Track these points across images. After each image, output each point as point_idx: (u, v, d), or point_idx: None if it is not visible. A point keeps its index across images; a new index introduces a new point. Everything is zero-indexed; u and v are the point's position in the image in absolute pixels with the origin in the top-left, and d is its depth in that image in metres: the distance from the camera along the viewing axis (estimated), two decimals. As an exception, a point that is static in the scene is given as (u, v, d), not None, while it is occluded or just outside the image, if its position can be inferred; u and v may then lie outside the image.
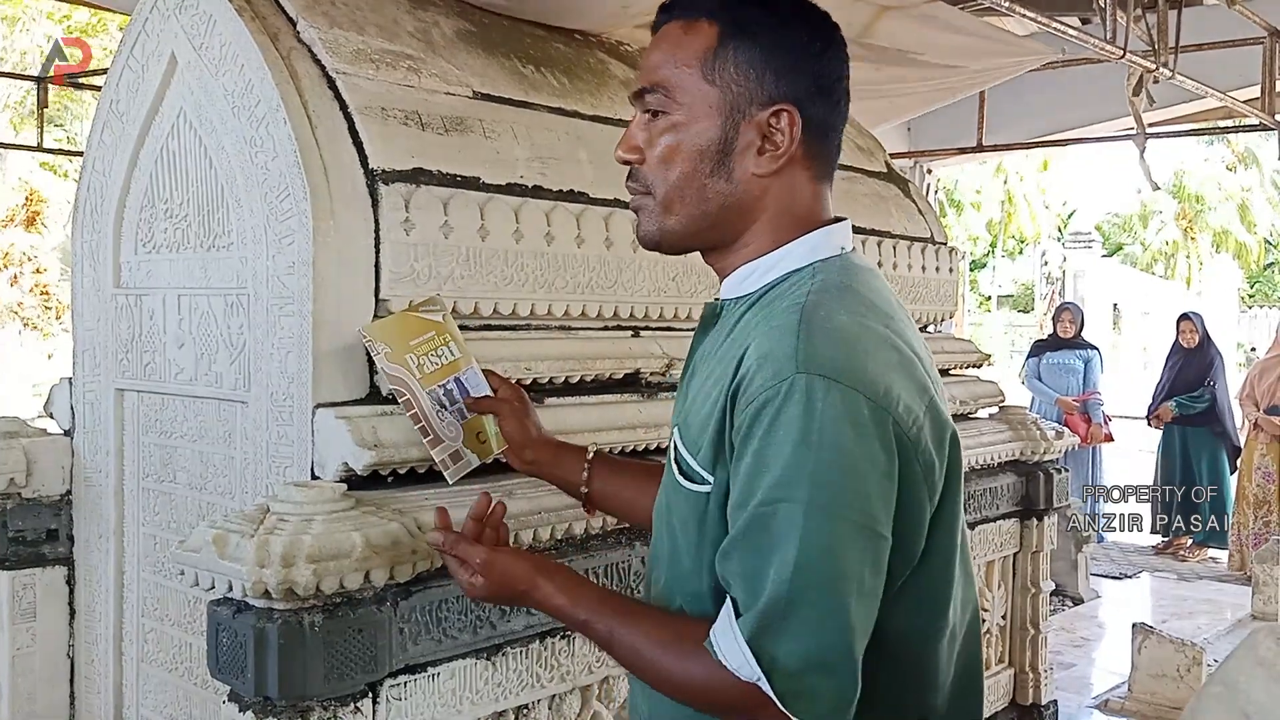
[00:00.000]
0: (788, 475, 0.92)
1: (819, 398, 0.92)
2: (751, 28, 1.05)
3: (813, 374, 0.93)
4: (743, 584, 0.95)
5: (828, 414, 0.92)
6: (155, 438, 1.97)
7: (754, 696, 0.94)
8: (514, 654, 1.76)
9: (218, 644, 1.47)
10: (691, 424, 1.06)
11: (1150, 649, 3.99)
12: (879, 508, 0.94)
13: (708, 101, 1.05)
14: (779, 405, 0.93)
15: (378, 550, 1.46)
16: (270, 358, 1.70)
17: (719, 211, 1.07)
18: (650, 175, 1.09)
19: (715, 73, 1.05)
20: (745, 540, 0.95)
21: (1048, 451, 3.02)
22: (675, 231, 1.10)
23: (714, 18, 1.06)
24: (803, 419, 0.92)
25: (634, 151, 1.10)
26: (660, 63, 1.07)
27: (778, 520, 0.92)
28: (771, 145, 1.05)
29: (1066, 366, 6.57)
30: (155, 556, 1.98)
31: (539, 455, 1.50)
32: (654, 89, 1.07)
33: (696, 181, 1.06)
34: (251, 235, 1.73)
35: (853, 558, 0.92)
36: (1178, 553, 6.77)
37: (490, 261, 1.87)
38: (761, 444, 0.94)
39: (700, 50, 1.05)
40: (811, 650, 0.92)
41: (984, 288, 28.26)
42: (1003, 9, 2.33)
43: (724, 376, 1.01)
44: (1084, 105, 5.47)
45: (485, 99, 2.03)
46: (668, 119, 1.07)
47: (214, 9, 1.79)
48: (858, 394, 0.93)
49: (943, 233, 3.14)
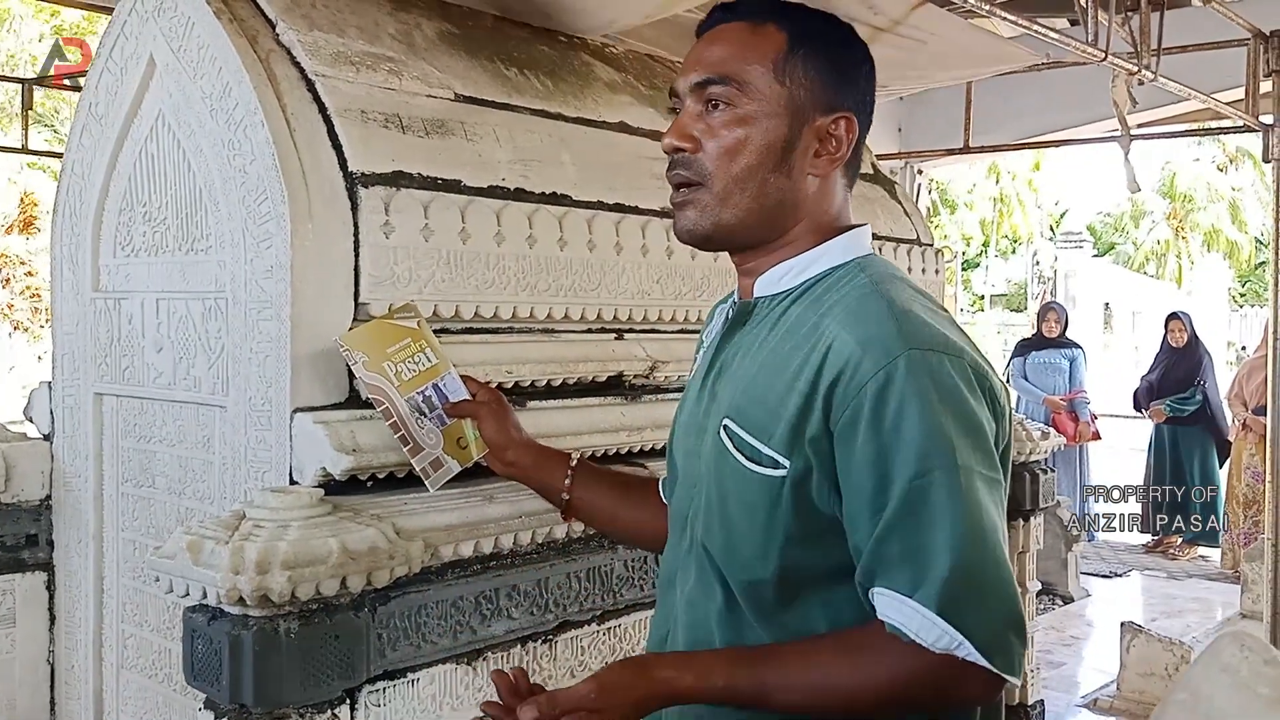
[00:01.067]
0: (928, 446, 0.97)
1: (934, 369, 0.99)
2: (818, 39, 1.11)
3: (921, 349, 0.99)
4: (910, 562, 0.97)
5: (945, 383, 0.99)
6: (134, 442, 1.96)
7: (953, 665, 0.96)
8: (495, 658, 1.75)
9: (193, 651, 1.46)
10: (752, 412, 1.07)
11: (1139, 648, 4.00)
12: (998, 464, 1.02)
13: (779, 100, 1.10)
14: (902, 380, 0.98)
15: (354, 556, 1.45)
16: (248, 362, 1.69)
17: (775, 207, 1.12)
18: (709, 165, 1.11)
19: (785, 74, 1.10)
20: (903, 519, 0.97)
21: (1034, 452, 3.03)
22: (728, 225, 1.12)
23: (781, 24, 1.11)
24: (927, 391, 0.98)
25: (688, 140, 1.12)
26: (727, 57, 1.11)
27: (934, 492, 0.96)
28: (828, 150, 1.12)
29: (1052, 365, 6.59)
30: (134, 562, 1.97)
31: (520, 458, 1.50)
32: (722, 80, 1.10)
33: (759, 175, 1.10)
34: (230, 239, 1.72)
35: (995, 511, 0.99)
36: (1168, 551, 6.80)
37: (472, 264, 1.86)
38: (893, 422, 0.98)
39: (772, 51, 1.10)
40: (1002, 608, 0.96)
41: (977, 287, 28.31)
42: (983, 11, 2.33)
43: (801, 366, 1.04)
44: (1071, 107, 5.48)
45: (467, 101, 2.02)
46: (734, 111, 1.10)
47: (192, 12, 1.78)
48: (961, 361, 1.01)
49: (929, 234, 3.14)
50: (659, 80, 2.58)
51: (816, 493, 1.03)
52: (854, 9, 2.48)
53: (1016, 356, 6.83)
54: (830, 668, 1.01)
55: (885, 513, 0.97)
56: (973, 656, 0.94)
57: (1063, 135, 5.52)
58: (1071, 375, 6.60)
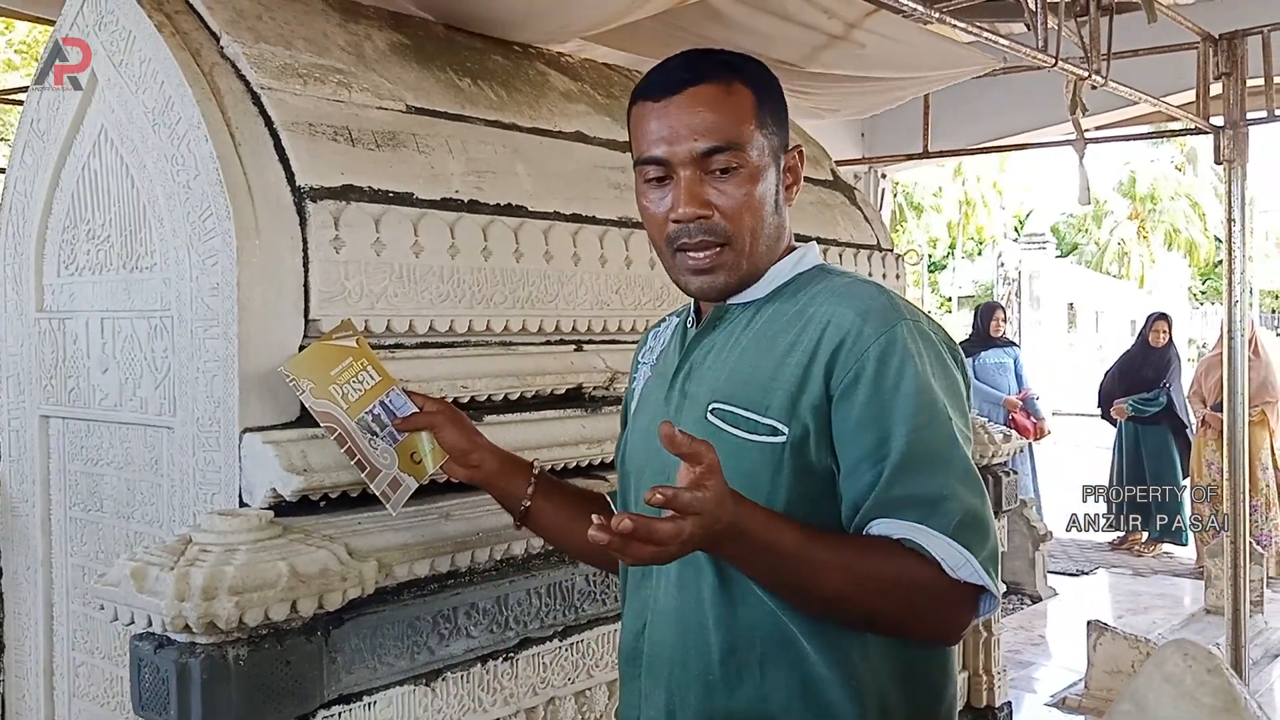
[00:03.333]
0: (923, 401, 1.10)
1: (925, 336, 1.15)
2: (767, 84, 1.25)
3: (912, 320, 1.15)
4: (924, 504, 1.09)
5: (933, 350, 1.15)
6: (81, 465, 1.92)
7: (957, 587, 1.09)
8: (454, 679, 1.72)
9: (140, 680, 1.42)
10: (743, 392, 1.17)
11: (1105, 646, 4.04)
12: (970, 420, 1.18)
13: (766, 150, 1.22)
14: (902, 346, 1.12)
15: (305, 579, 1.42)
16: (195, 382, 1.66)
17: (775, 243, 1.26)
18: (729, 226, 1.21)
19: (763, 126, 1.22)
20: (910, 467, 1.09)
21: (996, 455, 3.03)
22: (752, 273, 1.24)
23: (742, 80, 1.22)
24: (921, 355, 1.13)
25: (705, 207, 1.20)
26: (721, 123, 1.19)
27: (933, 441, 1.10)
28: (794, 179, 1.27)
29: (1003, 366, 6.65)
30: (84, 588, 1.92)
31: (484, 460, 1.50)
32: (727, 147, 1.19)
33: (770, 221, 1.24)
34: (174, 256, 1.69)
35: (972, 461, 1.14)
36: (1133, 548, 6.87)
37: (425, 278, 1.84)
38: (894, 382, 1.11)
39: (749, 108, 1.21)
40: (993, 543, 1.11)
41: (944, 289, 28.57)
42: (933, 18, 2.34)
43: (793, 344, 1.16)
44: (1028, 110, 5.54)
45: (419, 113, 2.00)
46: (743, 172, 1.20)
47: (133, 25, 1.74)
48: (943, 333, 1.20)
49: (889, 239, 3.15)
50: (615, 89, 2.57)
51: (815, 454, 1.14)
52: (809, 15, 2.49)
53: (964, 358, 6.86)
54: (871, 561, 1.09)
55: (889, 460, 1.09)
56: (976, 577, 1.08)
57: (1020, 139, 5.58)
58: (1018, 374, 6.67)
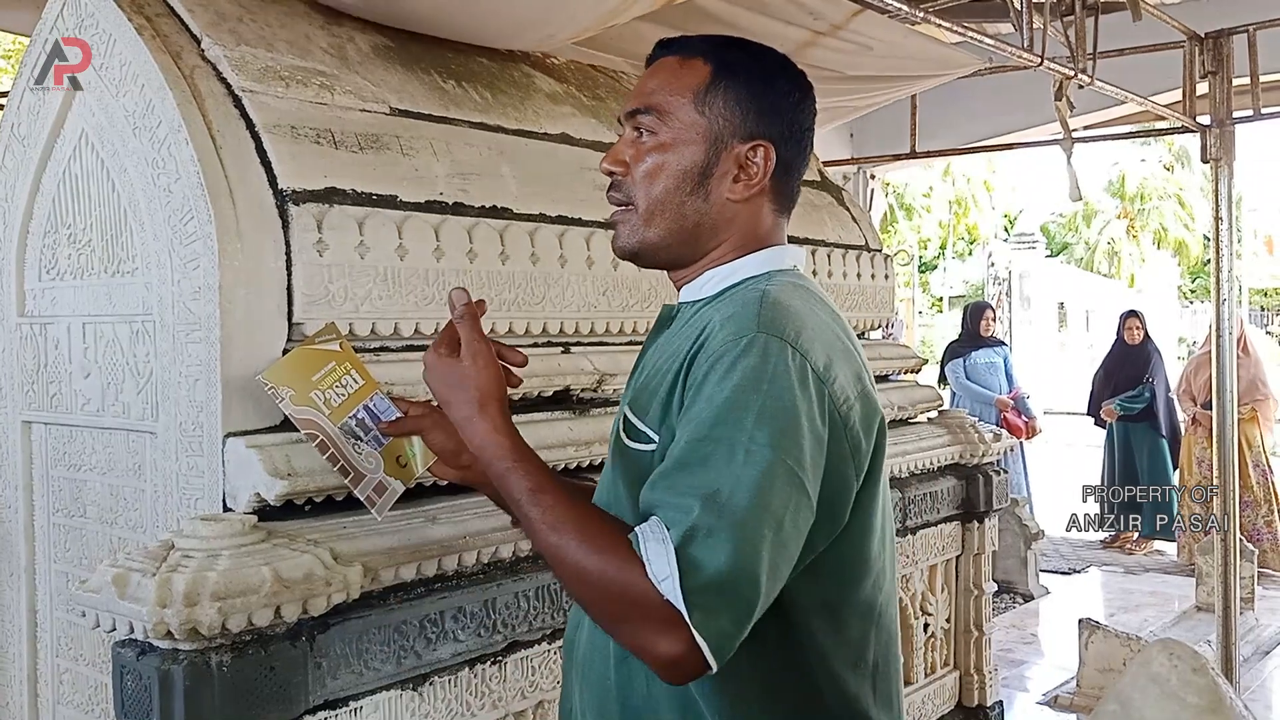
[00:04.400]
0: (733, 415, 0.99)
1: (774, 354, 1.02)
2: (740, 71, 1.18)
3: (771, 335, 1.03)
4: (671, 508, 0.98)
5: (779, 368, 1.01)
6: (64, 471, 1.90)
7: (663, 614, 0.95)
8: (442, 683, 1.71)
9: (123, 687, 1.41)
10: (641, 397, 1.14)
11: (1097, 644, 4.04)
12: (809, 466, 1.01)
13: (696, 129, 1.17)
14: (736, 355, 1.02)
15: (289, 584, 1.41)
16: (178, 386, 1.65)
17: (693, 229, 1.18)
18: (634, 189, 1.19)
19: (705, 105, 1.17)
20: (679, 469, 1.00)
21: (986, 454, 3.04)
22: (652, 243, 1.19)
23: (708, 58, 1.18)
24: (757, 369, 1.01)
25: (619, 164, 1.19)
26: (655, 89, 1.19)
27: (718, 451, 0.98)
28: (746, 175, 1.18)
29: (993, 365, 6.65)
30: (68, 595, 1.90)
31: (473, 460, 1.47)
32: (648, 110, 1.18)
33: (676, 198, 1.17)
34: (156, 260, 1.68)
35: (779, 499, 0.98)
36: (1124, 546, 6.88)
37: (410, 281, 1.83)
38: (714, 389, 1.01)
39: (695, 83, 1.17)
40: (724, 571, 0.94)
41: (935, 289, 28.61)
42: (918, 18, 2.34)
43: (680, 350, 1.10)
44: (1016, 110, 5.55)
45: (403, 115, 1.99)
46: (656, 139, 1.17)
47: (113, 28, 1.73)
48: (807, 361, 1.03)
49: (878, 240, 3.15)
50: (601, 91, 2.57)
51: None
52: (793, 14, 2.49)
53: (954, 358, 6.83)
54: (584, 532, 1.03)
55: (671, 456, 1.01)
56: (674, 596, 0.94)
57: (1008, 139, 5.59)
58: (1008, 373, 6.68)
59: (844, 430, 1.05)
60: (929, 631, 2.97)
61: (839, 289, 2.85)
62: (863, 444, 1.08)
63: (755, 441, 0.98)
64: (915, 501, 2.85)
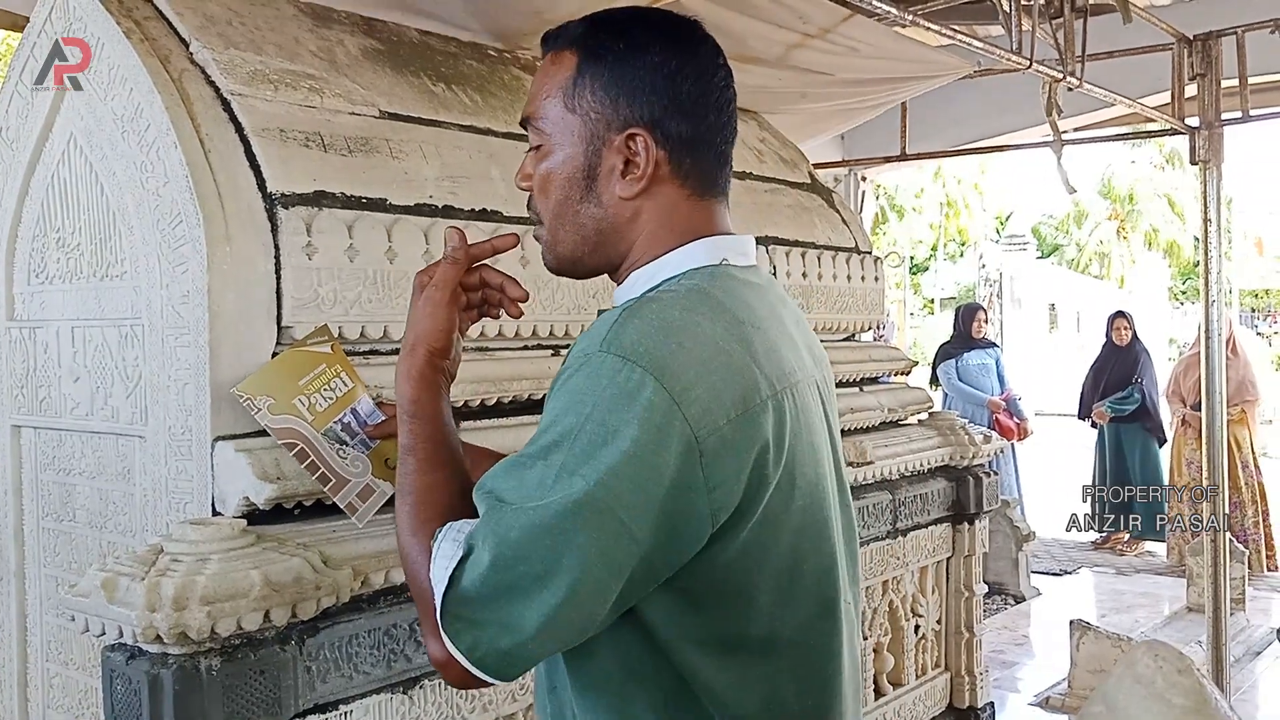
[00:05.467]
0: (553, 437, 0.92)
1: (607, 373, 0.92)
2: (604, 54, 1.05)
3: (612, 353, 0.92)
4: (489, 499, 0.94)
5: (610, 390, 0.91)
6: (53, 475, 1.90)
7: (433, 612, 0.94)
8: (432, 686, 1.71)
9: (112, 692, 1.41)
10: None
11: (1088, 645, 4.05)
12: (636, 502, 0.90)
13: (571, 130, 1.06)
14: (570, 374, 0.94)
15: (278, 588, 1.41)
16: (167, 390, 1.64)
17: (596, 236, 1.08)
18: (538, 204, 1.11)
19: (575, 100, 1.06)
20: (503, 473, 0.94)
21: (976, 456, 3.05)
22: (565, 258, 1.11)
23: (574, 47, 1.07)
24: (585, 388, 0.92)
25: (525, 180, 1.11)
26: (533, 94, 1.09)
27: (531, 473, 0.92)
28: (633, 168, 1.05)
29: (985, 367, 6.67)
30: (57, 599, 1.90)
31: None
32: (528, 121, 1.09)
33: (570, 208, 1.08)
34: (144, 264, 1.68)
35: (582, 533, 0.89)
36: (1115, 547, 6.90)
37: (399, 284, 1.83)
38: (548, 408, 0.95)
39: (562, 80, 1.06)
40: (478, 587, 0.91)
41: (927, 290, 28.68)
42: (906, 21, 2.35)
43: None
44: (1006, 113, 5.57)
45: (392, 118, 1.99)
46: (540, 150, 1.09)
47: (102, 32, 1.73)
48: (652, 380, 0.91)
49: (868, 241, 3.15)
50: (592, 93, 2.57)
51: None
52: (782, 17, 2.50)
53: (946, 359, 6.85)
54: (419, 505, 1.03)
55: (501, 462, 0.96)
56: (436, 601, 0.93)
57: (998, 141, 5.61)
58: (1000, 375, 6.70)
59: (699, 459, 0.92)
60: (920, 633, 2.98)
61: (828, 291, 2.86)
62: (729, 473, 0.93)
63: (568, 468, 0.90)
64: (906, 503, 2.86)
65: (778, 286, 1.16)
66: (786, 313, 1.10)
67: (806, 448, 1.03)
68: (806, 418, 1.04)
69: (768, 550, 0.99)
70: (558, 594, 0.90)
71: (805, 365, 1.07)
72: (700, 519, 0.93)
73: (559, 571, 0.89)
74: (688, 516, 0.93)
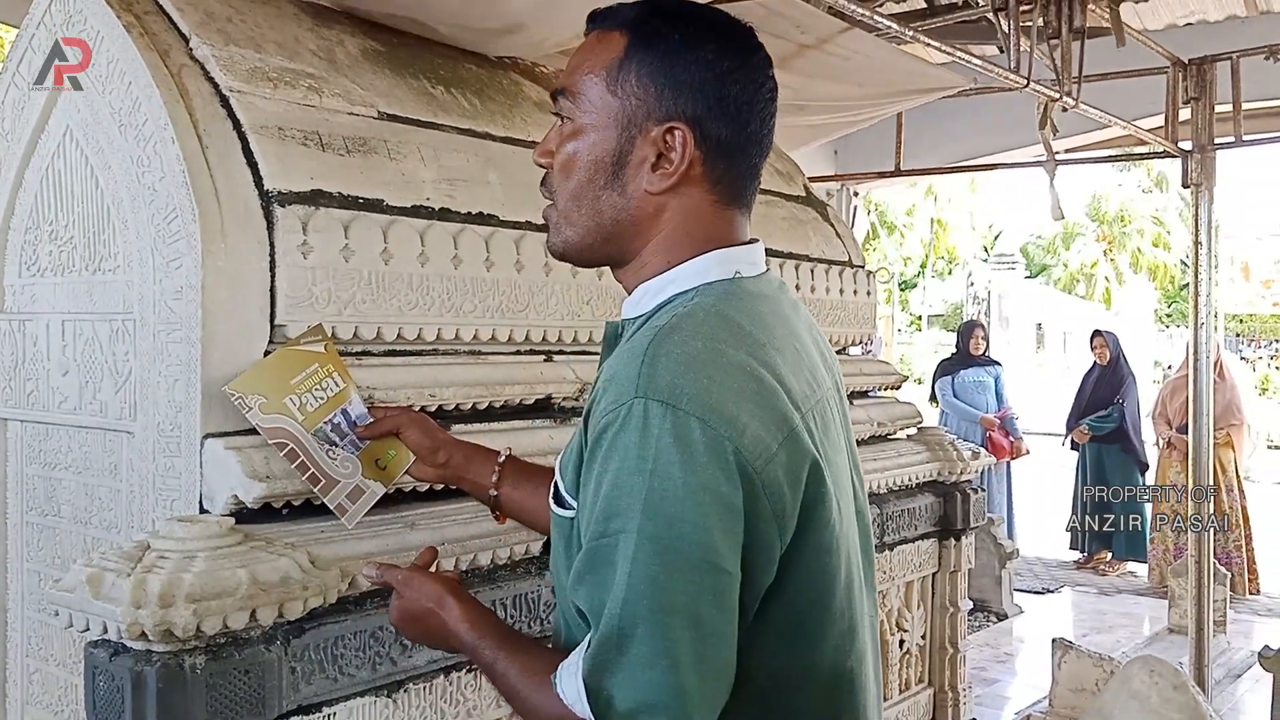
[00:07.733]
0: (623, 504, 0.89)
1: (655, 423, 0.89)
2: (657, 41, 1.02)
3: (651, 399, 0.90)
4: (589, 617, 0.93)
5: (663, 441, 0.89)
6: (39, 469, 1.88)
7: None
8: (417, 690, 1.70)
9: (95, 688, 1.39)
10: (563, 456, 1.06)
11: (1069, 664, 4.06)
12: (719, 539, 0.89)
13: (609, 112, 1.03)
14: (616, 431, 0.91)
15: (265, 588, 1.40)
16: (157, 386, 1.63)
17: (612, 225, 1.05)
18: (555, 182, 1.08)
19: (618, 84, 1.02)
20: (589, 572, 0.93)
21: (964, 472, 3.05)
22: (574, 243, 1.08)
23: (627, 29, 1.04)
24: (638, 446, 0.89)
25: (545, 155, 1.08)
26: (573, 68, 1.06)
27: (616, 552, 0.89)
28: (665, 162, 1.02)
29: (982, 384, 6.70)
30: (39, 594, 1.88)
31: (451, 456, 1.47)
32: (563, 93, 1.06)
33: (591, 193, 1.04)
34: (138, 258, 1.67)
35: (685, 591, 0.88)
36: (1098, 567, 6.93)
37: (394, 285, 1.82)
38: (600, 470, 0.92)
39: (608, 60, 1.03)
40: (640, 689, 0.88)
41: (915, 307, 28.80)
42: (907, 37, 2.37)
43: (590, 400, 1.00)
44: (999, 131, 5.61)
45: (391, 120, 1.99)
46: (571, 125, 1.05)
47: (101, 25, 1.72)
48: (696, 420, 0.89)
49: (861, 256, 3.17)
50: (590, 101, 2.57)
51: None
52: (781, 27, 2.51)
53: (944, 376, 6.89)
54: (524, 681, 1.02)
55: (581, 557, 0.94)
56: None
57: (991, 159, 5.64)
58: (998, 392, 6.73)
59: (761, 485, 0.91)
60: (904, 648, 2.98)
61: (821, 304, 2.86)
62: (788, 499, 0.94)
63: (646, 533, 0.88)
64: (893, 518, 2.86)
65: (788, 292, 1.14)
66: (799, 320, 1.09)
67: (833, 462, 1.03)
68: (830, 432, 1.04)
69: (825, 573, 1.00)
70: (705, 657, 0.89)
71: (822, 377, 1.06)
72: (771, 545, 0.93)
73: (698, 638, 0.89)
74: (764, 544, 0.93)
